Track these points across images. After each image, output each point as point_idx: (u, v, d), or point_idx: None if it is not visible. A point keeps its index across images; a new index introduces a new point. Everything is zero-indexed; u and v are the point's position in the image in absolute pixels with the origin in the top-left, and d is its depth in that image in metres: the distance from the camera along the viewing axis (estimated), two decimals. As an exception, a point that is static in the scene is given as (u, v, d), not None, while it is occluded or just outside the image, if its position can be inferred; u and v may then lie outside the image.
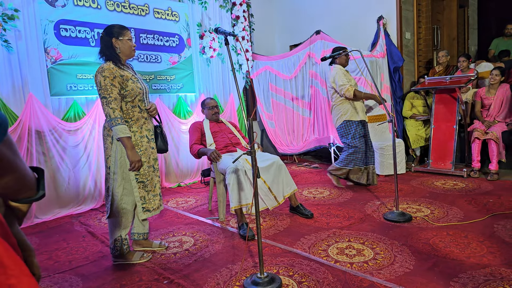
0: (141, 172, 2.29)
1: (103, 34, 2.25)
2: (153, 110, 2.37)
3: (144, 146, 2.29)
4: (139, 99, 2.27)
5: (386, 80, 4.82)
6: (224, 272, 2.15)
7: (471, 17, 6.61)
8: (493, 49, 5.64)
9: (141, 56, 4.20)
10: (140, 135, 2.29)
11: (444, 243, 2.35)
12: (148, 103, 2.36)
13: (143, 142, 2.29)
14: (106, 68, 2.15)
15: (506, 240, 2.34)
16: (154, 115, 2.40)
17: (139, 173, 2.28)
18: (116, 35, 2.23)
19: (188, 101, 4.73)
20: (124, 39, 2.24)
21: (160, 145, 2.45)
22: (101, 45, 2.26)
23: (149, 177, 2.33)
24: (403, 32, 4.94)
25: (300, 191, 3.86)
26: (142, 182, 2.31)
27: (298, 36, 5.91)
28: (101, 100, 2.15)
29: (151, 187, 2.36)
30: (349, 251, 2.32)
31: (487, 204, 3.07)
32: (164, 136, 2.49)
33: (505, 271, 1.94)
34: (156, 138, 2.44)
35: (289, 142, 5.68)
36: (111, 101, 2.12)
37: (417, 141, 4.64)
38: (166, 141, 2.50)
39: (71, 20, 3.57)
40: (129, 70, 2.30)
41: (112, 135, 2.19)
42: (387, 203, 3.25)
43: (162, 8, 4.38)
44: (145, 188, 2.32)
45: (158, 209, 2.41)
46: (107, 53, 2.23)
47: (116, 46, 2.23)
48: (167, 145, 2.51)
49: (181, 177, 4.62)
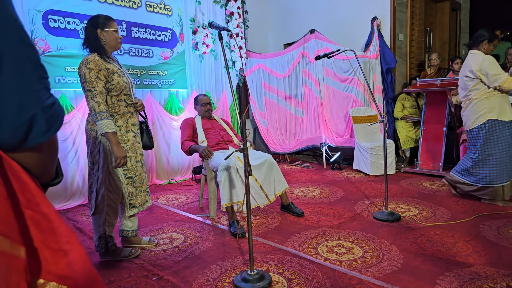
0: (129, 167, 2.25)
1: (88, 24, 2.16)
2: (140, 105, 2.34)
3: (131, 141, 2.25)
4: (125, 93, 2.21)
5: (378, 81, 4.86)
6: (214, 269, 2.15)
7: (463, 20, 6.71)
8: None
9: (132, 50, 4.15)
10: (126, 129, 2.24)
11: (431, 242, 2.39)
12: (134, 98, 2.32)
13: (130, 136, 2.25)
14: (91, 60, 2.07)
15: (491, 240, 2.39)
16: (140, 110, 2.36)
17: (127, 168, 2.24)
18: (102, 26, 2.14)
19: (180, 97, 4.69)
20: (110, 30, 2.16)
21: (145, 141, 2.41)
22: (85, 36, 2.17)
23: (137, 173, 2.30)
24: (397, 33, 4.98)
25: (292, 190, 3.87)
26: (131, 177, 2.27)
27: (292, 34, 5.92)
28: (85, 93, 2.06)
29: (139, 182, 2.32)
30: (339, 249, 2.34)
31: (473, 205, 3.12)
32: (150, 132, 2.45)
33: (489, 270, 1.98)
34: (141, 134, 2.39)
35: (281, 141, 5.69)
36: (96, 94, 2.05)
37: (407, 142, 4.69)
38: (151, 137, 2.46)
39: (60, 11, 3.50)
40: (114, 63, 2.24)
41: (96, 130, 2.13)
42: (376, 203, 3.28)
43: (154, 2, 4.32)
44: (133, 184, 2.29)
45: (144, 205, 2.37)
46: (92, 45, 2.15)
47: (101, 38, 2.15)
48: (153, 142, 2.47)
49: (172, 174, 4.58)
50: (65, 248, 0.58)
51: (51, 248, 0.56)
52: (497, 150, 2.97)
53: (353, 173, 4.58)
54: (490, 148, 3.00)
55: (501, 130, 2.95)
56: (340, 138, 4.98)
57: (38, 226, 0.55)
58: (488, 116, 2.96)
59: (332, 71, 4.94)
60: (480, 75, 2.94)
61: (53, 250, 0.56)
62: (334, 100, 5.02)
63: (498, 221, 2.70)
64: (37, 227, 0.54)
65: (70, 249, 0.59)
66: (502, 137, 2.95)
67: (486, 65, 2.90)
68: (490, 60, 2.93)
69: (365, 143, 4.48)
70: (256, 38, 6.03)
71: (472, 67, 2.97)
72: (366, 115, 4.77)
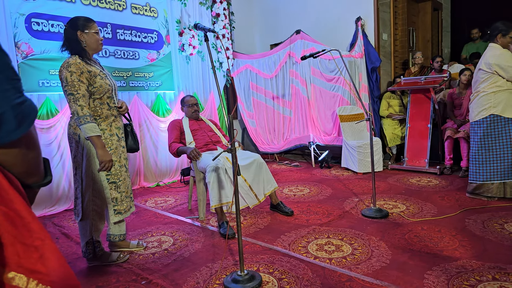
0: (113, 172, 2.19)
1: (67, 26, 2.11)
2: (125, 109, 2.30)
3: (114, 145, 2.20)
4: (108, 96, 2.17)
5: (364, 80, 4.92)
6: (204, 271, 2.13)
7: (444, 20, 6.86)
8: (465, 54, 5.94)
9: (118, 52, 4.10)
10: (110, 133, 2.19)
11: (418, 237, 2.43)
12: (118, 101, 2.28)
13: (113, 140, 2.20)
14: (73, 63, 2.02)
15: (476, 233, 2.44)
16: (124, 113, 2.31)
17: (110, 173, 2.18)
18: (82, 28, 2.09)
19: (167, 99, 4.66)
20: (91, 32, 2.10)
21: (130, 144, 2.36)
22: (64, 38, 2.12)
23: (121, 177, 2.24)
24: (380, 33, 5.05)
25: (281, 189, 3.88)
26: (114, 182, 2.21)
27: (278, 35, 5.94)
28: (67, 97, 2.01)
29: (124, 188, 2.27)
30: (328, 247, 2.36)
31: (459, 199, 3.18)
32: (135, 135, 2.41)
33: (475, 263, 2.02)
34: (126, 137, 2.35)
35: (270, 140, 5.70)
36: (79, 98, 2.00)
37: (393, 140, 4.76)
38: (137, 140, 2.41)
39: (43, 14, 3.44)
40: (96, 65, 2.19)
41: (79, 134, 2.08)
42: (364, 200, 3.31)
43: (140, 4, 4.28)
44: (117, 189, 2.23)
45: (128, 211, 2.32)
46: (73, 47, 2.10)
47: (82, 40, 2.10)
48: (138, 144, 2.43)
49: (160, 176, 4.54)
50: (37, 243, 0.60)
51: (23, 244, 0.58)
52: (496, 147, 2.97)
53: (342, 171, 4.62)
54: (488, 143, 3.01)
55: (503, 127, 2.94)
56: (328, 137, 5.02)
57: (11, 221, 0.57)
58: (491, 111, 2.94)
59: (318, 71, 4.97)
60: (497, 69, 2.90)
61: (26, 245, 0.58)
62: (321, 99, 5.06)
63: (483, 215, 2.76)
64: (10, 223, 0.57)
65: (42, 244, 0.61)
66: (504, 134, 2.95)
67: (503, 58, 2.88)
68: (507, 53, 2.90)
69: (352, 141, 4.53)
70: (242, 39, 6.04)
71: (489, 60, 2.93)
72: (353, 114, 4.82)
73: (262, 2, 6.26)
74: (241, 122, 5.99)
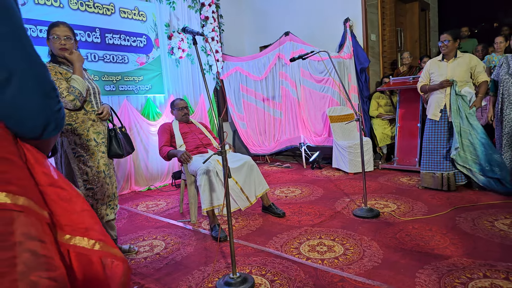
0: (89, 178, 2.13)
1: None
2: (105, 115, 2.22)
3: (91, 150, 2.13)
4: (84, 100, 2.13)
5: (353, 81, 4.96)
6: (196, 274, 2.12)
7: (432, 20, 6.95)
8: None
9: (107, 57, 4.06)
10: (87, 138, 2.14)
11: (410, 236, 2.44)
12: (101, 105, 2.23)
13: (90, 145, 2.13)
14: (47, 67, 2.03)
15: (467, 231, 2.47)
16: (104, 119, 2.24)
17: (87, 178, 2.13)
18: (47, 34, 2.09)
19: (157, 102, 4.63)
20: (51, 38, 2.08)
21: (114, 150, 2.27)
22: None
23: (98, 184, 2.17)
24: (369, 34, 5.10)
25: (272, 191, 3.88)
26: (91, 189, 2.15)
27: (267, 37, 5.95)
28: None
29: (100, 195, 2.19)
30: (320, 248, 2.36)
31: (449, 198, 3.22)
32: (119, 140, 2.31)
33: (466, 261, 2.04)
34: (109, 142, 2.27)
35: (261, 142, 5.70)
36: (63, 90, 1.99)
37: (383, 140, 4.80)
38: (121, 145, 2.31)
39: (31, 19, 3.39)
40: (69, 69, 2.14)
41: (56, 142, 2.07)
42: (356, 200, 3.33)
43: (128, 8, 4.26)
44: (94, 196, 2.17)
45: (102, 219, 2.24)
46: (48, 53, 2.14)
47: (49, 46, 2.11)
48: (123, 149, 2.32)
49: (151, 180, 4.50)
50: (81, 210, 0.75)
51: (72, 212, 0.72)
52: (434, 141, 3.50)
53: (333, 171, 4.64)
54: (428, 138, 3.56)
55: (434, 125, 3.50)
56: (319, 138, 5.04)
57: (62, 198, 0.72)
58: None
59: (308, 72, 5.00)
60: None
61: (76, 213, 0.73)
62: (311, 100, 5.08)
63: (473, 213, 2.80)
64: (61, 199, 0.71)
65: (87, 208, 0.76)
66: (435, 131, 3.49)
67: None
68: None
69: (342, 141, 4.55)
70: (232, 42, 6.04)
71: None
72: (343, 114, 4.85)
73: (251, 4, 6.28)
74: (232, 125, 5.98)
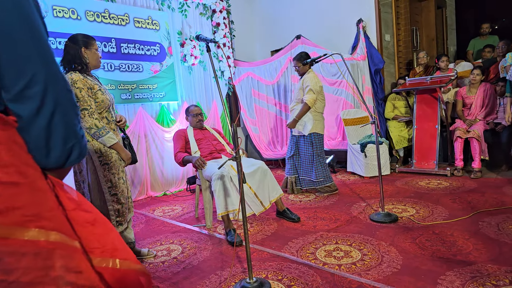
0: (113, 184, 2.24)
1: (69, 43, 2.16)
2: (124, 122, 2.37)
3: (114, 158, 2.23)
4: (106, 110, 2.23)
5: (367, 82, 4.89)
6: (213, 278, 2.11)
7: (449, 17, 6.73)
8: (471, 50, 5.78)
9: (122, 66, 4.14)
10: None
11: (430, 241, 2.37)
12: (115, 114, 2.34)
13: (113, 154, 2.23)
14: (77, 79, 2.08)
15: (491, 236, 2.37)
16: (123, 126, 2.38)
17: (112, 185, 2.23)
18: (85, 45, 2.17)
19: (171, 109, 4.68)
20: (93, 49, 2.21)
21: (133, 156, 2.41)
22: (66, 54, 2.15)
23: (120, 189, 2.28)
24: (383, 34, 5.03)
25: (286, 196, 3.85)
26: (115, 194, 2.26)
27: (279, 41, 5.94)
28: (80, 112, 2.07)
29: (124, 199, 2.31)
30: (337, 253, 2.31)
31: (471, 202, 3.12)
32: (132, 148, 2.47)
33: (491, 267, 1.96)
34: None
35: (273, 147, 5.68)
36: (93, 112, 2.10)
37: (400, 142, 4.70)
38: (134, 152, 2.46)
39: (51, 32, 3.50)
40: (95, 80, 2.25)
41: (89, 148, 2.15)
42: (372, 204, 3.26)
43: (142, 17, 4.34)
44: (118, 201, 2.27)
45: (129, 222, 2.40)
46: (75, 63, 2.14)
47: (85, 56, 2.17)
48: (136, 156, 2.47)
49: (167, 186, 4.55)
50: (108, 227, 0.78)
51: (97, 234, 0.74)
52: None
53: (348, 175, 4.57)
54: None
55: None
56: (333, 141, 4.98)
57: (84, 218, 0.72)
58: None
59: (320, 75, 4.95)
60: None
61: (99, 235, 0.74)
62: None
63: (497, 217, 2.69)
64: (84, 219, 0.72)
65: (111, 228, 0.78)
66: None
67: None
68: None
69: (357, 145, 4.48)
70: (243, 47, 6.06)
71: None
72: (357, 117, 4.78)
73: (261, 9, 6.29)
74: (244, 129, 5.98)
